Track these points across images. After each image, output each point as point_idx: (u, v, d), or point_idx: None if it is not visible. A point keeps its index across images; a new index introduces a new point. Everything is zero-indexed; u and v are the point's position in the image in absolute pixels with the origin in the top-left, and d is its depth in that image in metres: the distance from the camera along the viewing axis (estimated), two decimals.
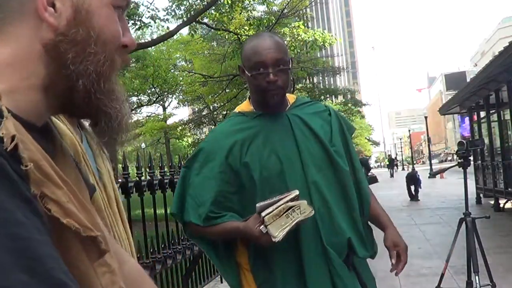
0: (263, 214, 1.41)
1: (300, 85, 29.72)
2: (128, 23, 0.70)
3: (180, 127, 28.71)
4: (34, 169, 0.49)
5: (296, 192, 1.44)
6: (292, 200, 1.43)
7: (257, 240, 1.46)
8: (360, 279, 1.65)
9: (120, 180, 2.71)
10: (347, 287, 1.57)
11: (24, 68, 0.57)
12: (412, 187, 14.92)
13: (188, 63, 27.68)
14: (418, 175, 15.33)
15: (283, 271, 1.58)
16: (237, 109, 1.78)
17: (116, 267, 0.61)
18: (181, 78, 26.36)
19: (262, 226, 1.41)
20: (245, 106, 1.75)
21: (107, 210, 1.14)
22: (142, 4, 13.21)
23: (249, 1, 16.21)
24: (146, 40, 15.07)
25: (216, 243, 1.69)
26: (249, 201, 1.58)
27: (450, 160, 78.18)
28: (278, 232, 1.40)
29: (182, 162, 3.24)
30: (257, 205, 1.47)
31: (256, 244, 1.51)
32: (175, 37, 19.47)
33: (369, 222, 1.79)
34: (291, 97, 1.76)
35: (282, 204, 1.41)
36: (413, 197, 14.92)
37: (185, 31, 22.08)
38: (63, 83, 0.60)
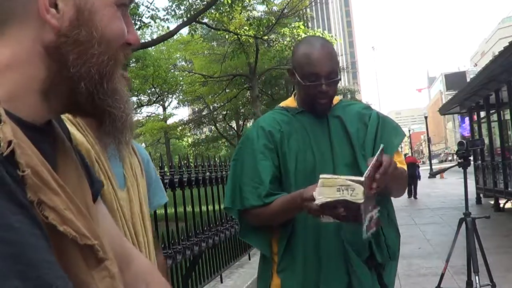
0: (321, 176, 1.43)
1: None
2: None
3: (180, 127, 28.71)
4: (32, 175, 0.49)
5: (362, 179, 1.43)
6: (353, 181, 1.42)
7: (304, 201, 1.47)
8: (381, 280, 1.67)
9: None
10: (363, 286, 1.60)
11: (24, 71, 0.56)
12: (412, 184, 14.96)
13: (188, 63, 27.69)
14: (418, 165, 15.38)
15: (304, 263, 1.63)
16: (282, 104, 1.84)
17: (116, 272, 0.61)
18: (181, 78, 26.36)
19: (315, 192, 1.42)
20: (289, 102, 1.82)
21: (121, 210, 1.19)
22: (142, 4, 13.21)
23: (249, 1, 16.23)
24: (146, 40, 15.06)
25: (266, 240, 1.73)
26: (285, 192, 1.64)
27: (450, 160, 78.19)
28: (321, 197, 1.41)
29: (182, 162, 3.24)
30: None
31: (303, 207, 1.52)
32: (175, 37, 19.48)
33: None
34: (335, 99, 1.80)
35: (342, 178, 1.42)
36: (411, 194, 15.06)
37: (185, 31, 22.08)
38: (65, 85, 0.59)
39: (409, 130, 55.41)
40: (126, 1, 0.63)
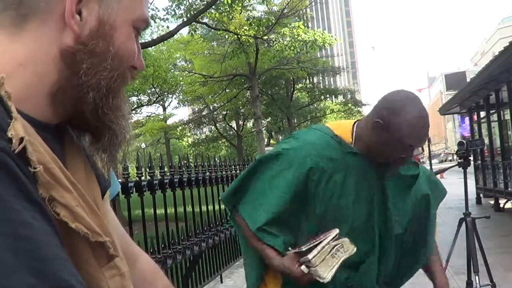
0: (310, 256, 1.39)
1: (300, 85, 29.76)
2: None
3: (180, 127, 28.72)
4: (43, 172, 0.49)
5: (337, 231, 1.43)
6: (333, 239, 1.41)
7: (297, 279, 1.43)
8: None
9: (120, 180, 2.71)
10: None
11: (36, 71, 0.56)
12: None
13: (188, 63, 27.69)
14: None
15: None
16: (335, 129, 1.64)
17: (126, 270, 0.61)
18: (181, 78, 26.37)
19: (303, 266, 1.40)
20: (345, 131, 1.62)
21: None
22: None
23: (249, 1, 16.22)
24: (146, 40, 15.05)
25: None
26: (302, 232, 1.56)
27: (450, 160, 78.25)
28: (327, 273, 1.38)
29: (182, 162, 3.24)
30: (298, 249, 1.44)
31: (293, 280, 1.48)
32: (175, 37, 19.47)
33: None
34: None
35: (326, 245, 1.39)
36: None
37: (185, 31, 22.08)
38: (72, 93, 0.59)
39: None
40: (141, 25, 0.65)
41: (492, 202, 10.68)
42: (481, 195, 11.78)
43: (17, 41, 0.56)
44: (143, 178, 2.89)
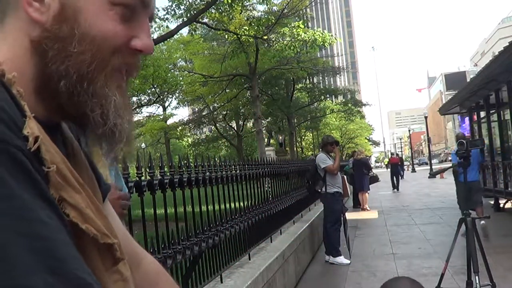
0: None
1: (300, 85, 29.76)
2: None
3: (180, 127, 28.75)
4: (55, 172, 0.48)
5: None
6: None
7: None
8: None
9: None
10: None
11: (16, 67, 0.54)
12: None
13: (188, 63, 27.72)
14: (400, 165, 17.84)
15: None
16: None
17: (129, 275, 0.60)
18: (181, 78, 26.39)
19: None
20: None
21: None
22: None
23: (249, 0, 16.24)
24: None
25: None
26: None
27: (450, 160, 78.22)
28: None
29: (182, 162, 3.25)
30: None
31: None
32: (175, 37, 19.48)
33: None
34: None
35: None
36: (395, 187, 17.80)
37: (185, 31, 22.10)
38: (49, 85, 0.56)
39: (409, 130, 55.48)
40: (127, 1, 0.58)
41: (492, 202, 10.68)
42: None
43: (1, 37, 0.55)
44: (143, 178, 2.89)
